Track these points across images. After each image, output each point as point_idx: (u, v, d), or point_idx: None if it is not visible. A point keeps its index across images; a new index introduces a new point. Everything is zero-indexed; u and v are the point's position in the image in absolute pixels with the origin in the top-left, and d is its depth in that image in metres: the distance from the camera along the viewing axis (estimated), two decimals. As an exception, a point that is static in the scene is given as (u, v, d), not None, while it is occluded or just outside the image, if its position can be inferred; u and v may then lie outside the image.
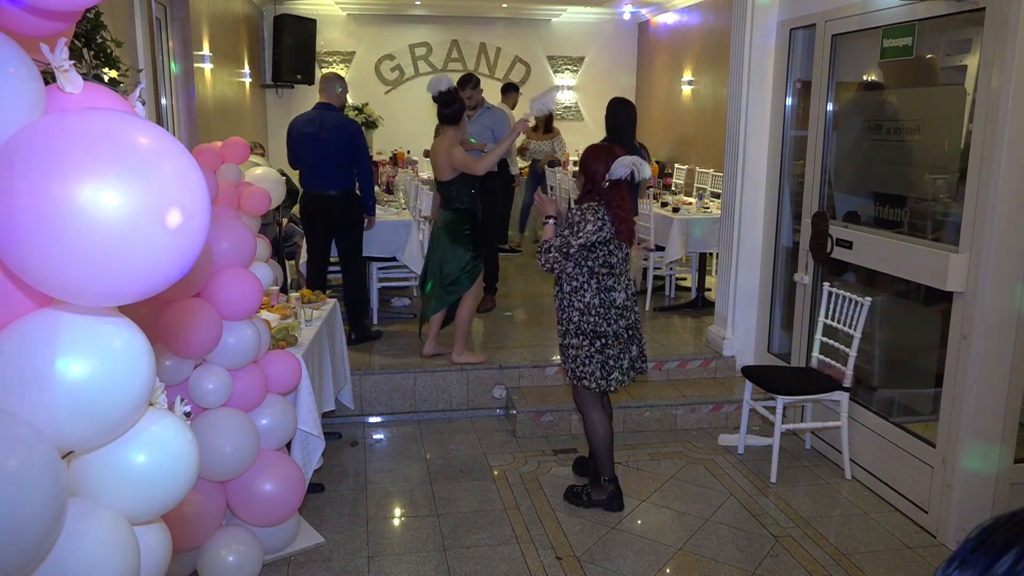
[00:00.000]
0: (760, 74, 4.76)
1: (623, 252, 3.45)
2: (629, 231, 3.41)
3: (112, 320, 1.13)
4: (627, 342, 3.49)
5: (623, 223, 3.37)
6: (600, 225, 3.33)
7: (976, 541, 0.57)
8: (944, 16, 3.39)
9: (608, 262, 3.40)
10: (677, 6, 9.92)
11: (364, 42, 10.78)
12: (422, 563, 3.22)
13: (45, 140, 0.97)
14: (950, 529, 3.39)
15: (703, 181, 8.57)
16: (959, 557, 0.57)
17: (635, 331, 3.54)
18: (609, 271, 3.41)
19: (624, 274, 3.48)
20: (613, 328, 3.44)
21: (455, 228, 4.71)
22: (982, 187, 3.16)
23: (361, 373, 4.70)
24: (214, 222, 2.36)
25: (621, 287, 3.45)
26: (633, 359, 3.54)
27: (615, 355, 3.46)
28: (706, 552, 3.33)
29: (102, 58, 3.19)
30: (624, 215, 3.37)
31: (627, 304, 3.48)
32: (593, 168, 3.41)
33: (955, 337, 3.35)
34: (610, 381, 3.48)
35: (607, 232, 3.35)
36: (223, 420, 2.76)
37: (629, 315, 3.49)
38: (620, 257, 3.44)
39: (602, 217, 3.34)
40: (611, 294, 3.42)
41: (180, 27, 6.00)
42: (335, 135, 4.99)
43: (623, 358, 3.48)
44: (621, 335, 3.46)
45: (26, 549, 0.97)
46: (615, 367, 3.47)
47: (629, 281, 3.52)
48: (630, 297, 3.51)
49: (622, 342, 3.47)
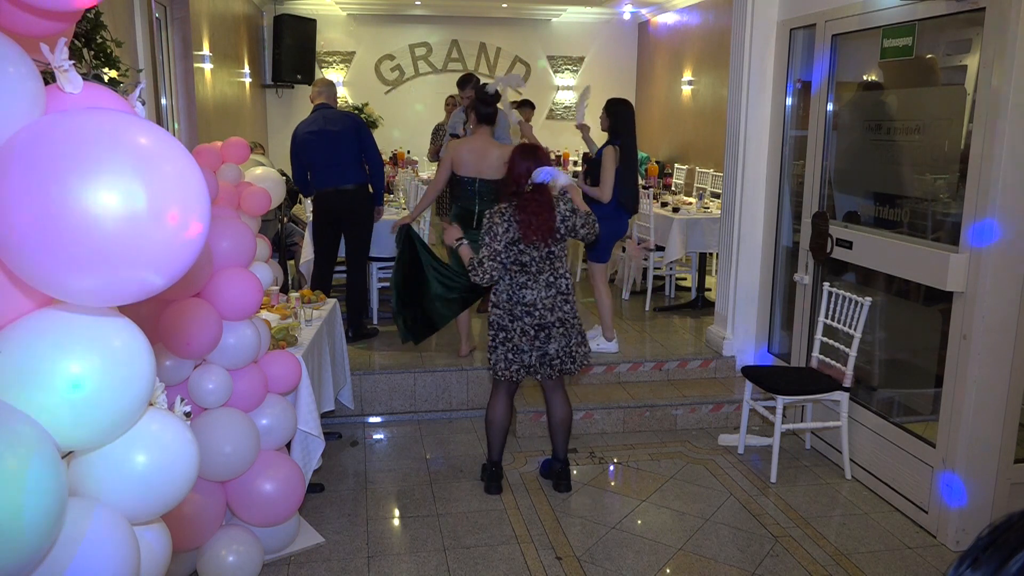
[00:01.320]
0: (760, 74, 4.76)
1: (539, 252, 3.49)
2: (536, 234, 3.44)
3: (112, 320, 1.13)
4: (536, 339, 3.55)
5: (529, 227, 3.44)
6: (507, 227, 3.46)
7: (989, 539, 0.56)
8: (944, 16, 3.39)
9: (519, 260, 3.50)
10: (677, 6, 9.93)
11: (364, 42, 10.78)
12: (422, 563, 3.22)
13: (45, 140, 0.97)
14: (950, 529, 3.39)
15: (703, 181, 8.57)
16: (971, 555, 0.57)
17: (554, 329, 3.56)
18: (521, 269, 3.51)
19: (548, 272, 3.51)
20: (519, 325, 3.54)
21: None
22: (982, 187, 3.16)
23: (361, 373, 4.70)
24: (214, 222, 2.36)
25: (537, 286, 3.51)
26: (548, 356, 3.58)
27: (520, 349, 3.56)
28: (706, 552, 3.33)
29: (102, 58, 3.19)
30: (532, 219, 3.44)
31: (544, 302, 3.52)
32: (517, 171, 3.49)
33: (955, 337, 3.35)
34: (511, 372, 3.59)
35: (513, 233, 3.46)
36: (223, 420, 2.76)
37: (545, 314, 3.53)
38: (535, 257, 3.50)
39: (508, 219, 3.46)
40: (521, 291, 3.52)
41: (180, 27, 6.00)
42: (340, 128, 5.03)
43: (530, 353, 3.57)
44: (528, 332, 3.54)
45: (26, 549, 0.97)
46: (515, 360, 3.58)
47: (557, 279, 3.54)
48: (552, 296, 3.53)
49: (528, 339, 3.55)
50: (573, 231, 3.55)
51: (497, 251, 3.48)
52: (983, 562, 0.55)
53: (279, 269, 4.35)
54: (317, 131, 5.03)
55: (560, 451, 3.84)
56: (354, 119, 5.18)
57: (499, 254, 3.49)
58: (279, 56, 9.76)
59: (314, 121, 5.09)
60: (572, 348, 3.62)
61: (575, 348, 3.64)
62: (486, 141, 4.68)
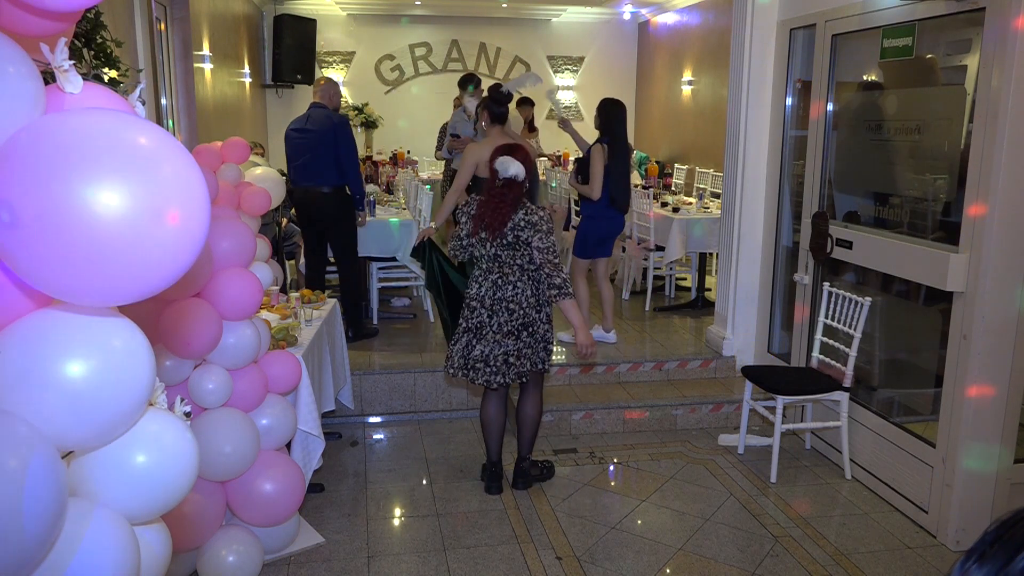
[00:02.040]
0: (760, 74, 4.76)
1: (488, 250, 3.49)
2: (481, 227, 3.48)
3: (112, 320, 1.13)
4: (467, 333, 3.58)
5: (480, 220, 3.48)
6: (467, 219, 3.57)
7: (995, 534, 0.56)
8: (944, 16, 3.39)
9: (472, 253, 3.58)
10: (677, 6, 9.92)
11: (364, 42, 10.77)
12: (422, 563, 3.22)
13: (45, 140, 0.97)
14: (950, 529, 3.39)
15: (703, 181, 8.57)
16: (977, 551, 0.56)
17: (487, 332, 3.52)
18: (476, 263, 3.60)
19: (496, 273, 3.50)
20: (464, 315, 3.62)
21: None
22: (982, 187, 3.16)
23: (361, 373, 4.70)
24: (214, 222, 2.36)
25: (485, 282, 3.52)
26: (466, 358, 3.58)
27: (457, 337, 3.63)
28: (706, 552, 3.33)
29: (102, 58, 3.19)
30: (485, 213, 3.46)
31: (483, 299, 3.52)
32: (493, 166, 3.55)
33: (955, 337, 3.35)
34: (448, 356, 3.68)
35: (463, 225, 3.57)
36: (223, 420, 2.76)
37: (482, 313, 3.52)
38: (484, 254, 3.51)
39: (467, 212, 3.57)
40: (472, 284, 3.61)
41: (180, 27, 6.00)
42: (320, 128, 5.03)
43: (456, 345, 3.62)
44: (469, 326, 3.58)
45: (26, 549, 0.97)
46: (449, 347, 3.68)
47: (504, 284, 3.49)
48: (497, 300, 3.50)
49: (463, 329, 3.60)
50: (526, 245, 3.44)
51: (459, 236, 3.60)
52: (989, 557, 0.55)
53: (279, 269, 4.35)
54: (299, 129, 5.08)
55: (521, 447, 3.85)
56: (334, 121, 5.09)
57: (462, 239, 3.59)
58: (279, 56, 9.76)
59: (300, 119, 5.16)
60: (503, 357, 3.51)
61: (509, 358, 3.52)
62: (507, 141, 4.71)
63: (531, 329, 3.54)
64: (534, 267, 3.49)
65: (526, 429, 3.80)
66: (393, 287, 6.40)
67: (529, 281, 3.50)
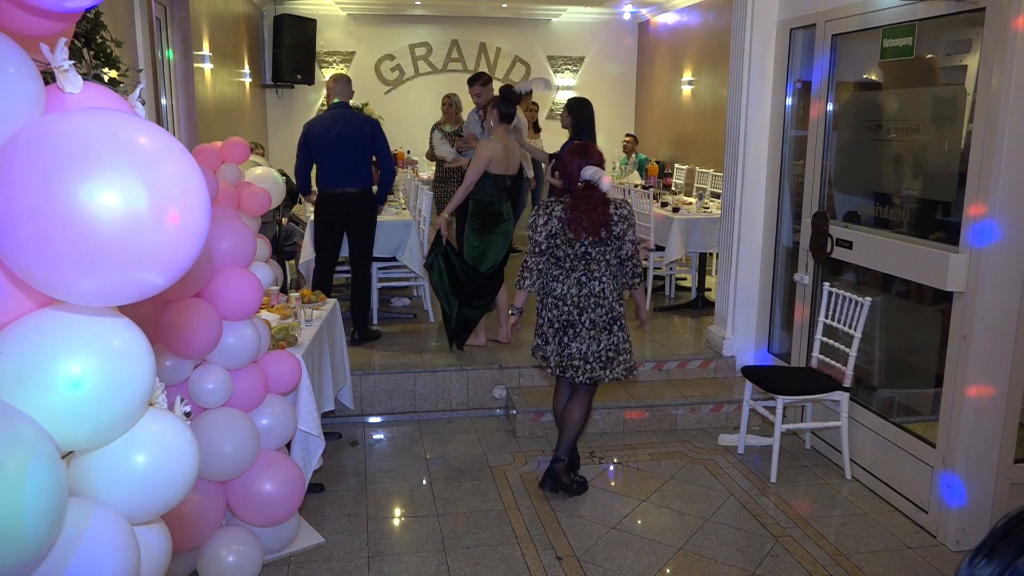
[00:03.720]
0: (760, 74, 4.76)
1: (575, 249, 3.52)
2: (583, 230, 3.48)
3: (112, 320, 1.13)
4: (559, 333, 3.60)
5: (577, 223, 3.48)
6: (546, 220, 3.53)
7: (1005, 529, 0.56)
8: (944, 16, 3.39)
9: (555, 255, 3.56)
10: (677, 6, 9.92)
11: (364, 42, 10.77)
12: (422, 563, 3.22)
13: (45, 140, 0.97)
14: (950, 529, 3.38)
15: (703, 181, 8.57)
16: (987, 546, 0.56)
17: (583, 329, 3.56)
18: (556, 263, 3.57)
19: (580, 271, 3.53)
20: (547, 315, 3.63)
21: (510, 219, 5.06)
22: (982, 187, 3.16)
23: (361, 373, 4.70)
24: (214, 222, 2.35)
25: (568, 281, 3.55)
26: (562, 355, 3.60)
27: (547, 337, 3.65)
28: (706, 552, 3.33)
29: (102, 58, 3.19)
30: (581, 215, 3.47)
31: (573, 299, 3.55)
32: (568, 170, 3.58)
33: (955, 337, 3.35)
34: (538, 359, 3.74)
35: (552, 227, 3.52)
36: (223, 420, 2.76)
37: (575, 313, 3.55)
38: (570, 253, 3.53)
39: (549, 212, 3.53)
40: (552, 284, 3.59)
41: (180, 27, 6.00)
42: (358, 132, 5.05)
43: (549, 345, 3.64)
44: (554, 322, 3.61)
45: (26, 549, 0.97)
46: (540, 348, 3.70)
47: (591, 280, 3.53)
48: (585, 296, 3.54)
49: (554, 329, 3.61)
50: (619, 239, 3.52)
51: (538, 242, 3.55)
52: (999, 552, 0.55)
53: (279, 269, 4.35)
54: (336, 133, 5.02)
55: (559, 448, 3.77)
56: (372, 124, 5.19)
57: (539, 245, 3.55)
58: (279, 56, 9.75)
59: (333, 121, 5.07)
60: (602, 353, 3.58)
61: (606, 353, 3.59)
62: (512, 142, 4.95)
63: (620, 323, 3.62)
64: (619, 260, 3.57)
65: (569, 430, 3.76)
66: (393, 287, 6.41)
67: (611, 275, 3.57)
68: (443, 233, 4.93)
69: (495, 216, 4.88)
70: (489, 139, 4.90)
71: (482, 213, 4.86)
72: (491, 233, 4.88)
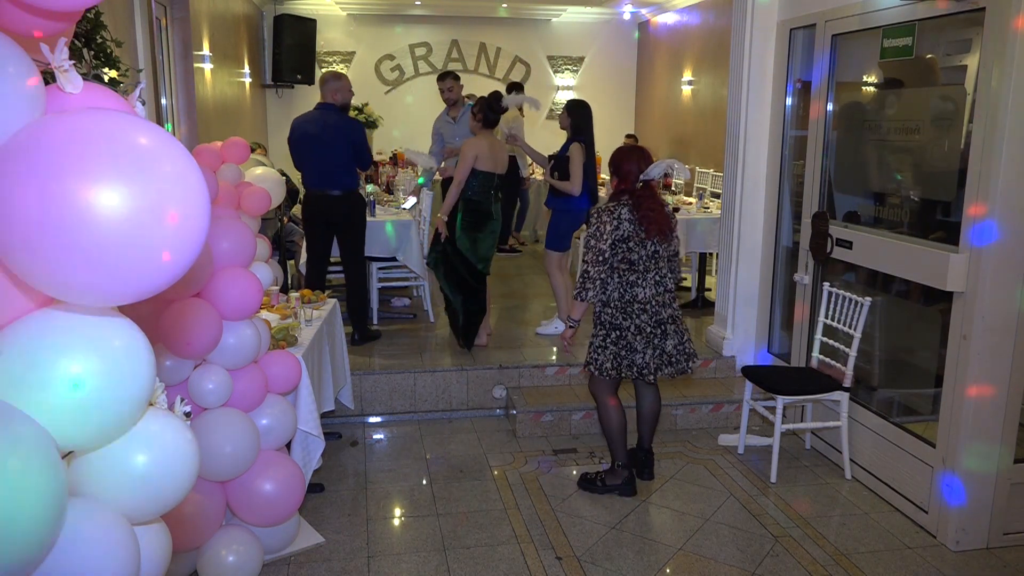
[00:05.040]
0: (760, 74, 4.76)
1: (647, 249, 3.51)
2: (656, 228, 3.49)
3: (112, 320, 1.13)
4: (653, 336, 3.58)
5: (651, 222, 3.47)
6: (616, 224, 3.46)
7: None
8: (944, 16, 3.39)
9: (628, 258, 3.49)
10: (677, 6, 9.92)
11: (364, 42, 10.77)
12: (422, 563, 3.22)
13: (45, 140, 0.97)
14: (950, 529, 3.39)
15: (703, 181, 8.57)
16: None
17: (668, 326, 3.61)
18: (630, 267, 3.51)
19: (653, 271, 3.54)
20: (634, 322, 3.55)
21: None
22: (982, 187, 3.16)
23: (361, 373, 4.70)
24: (214, 222, 2.36)
25: (647, 283, 3.53)
26: (666, 353, 3.61)
27: (636, 347, 3.56)
28: (706, 552, 3.33)
29: (102, 58, 3.19)
30: (652, 214, 3.48)
31: (656, 299, 3.56)
32: (627, 169, 3.56)
33: (955, 337, 3.35)
34: (622, 369, 3.59)
35: (624, 230, 3.46)
36: (223, 420, 2.76)
37: (660, 311, 3.58)
38: (643, 254, 3.51)
39: (617, 216, 3.47)
40: (633, 289, 3.53)
41: (180, 27, 6.00)
42: (336, 137, 4.94)
43: (646, 351, 3.57)
44: (644, 329, 3.56)
45: (26, 549, 0.97)
46: (625, 359, 3.58)
47: (663, 277, 3.58)
48: (662, 293, 3.58)
49: (645, 335, 3.56)
50: (674, 234, 3.61)
51: (602, 251, 3.46)
52: None
53: (279, 269, 4.35)
54: (313, 135, 4.95)
55: (647, 440, 3.94)
56: (352, 127, 5.06)
57: (603, 253, 3.46)
58: (279, 56, 9.76)
59: (312, 124, 5.00)
60: (686, 345, 3.67)
61: (688, 344, 3.69)
62: (497, 141, 5.04)
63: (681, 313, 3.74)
64: (669, 255, 3.61)
65: (655, 420, 3.94)
66: (393, 287, 6.41)
67: (670, 270, 3.63)
68: (442, 233, 4.96)
69: (485, 216, 4.94)
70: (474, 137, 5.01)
71: (472, 212, 4.91)
72: (481, 231, 4.95)
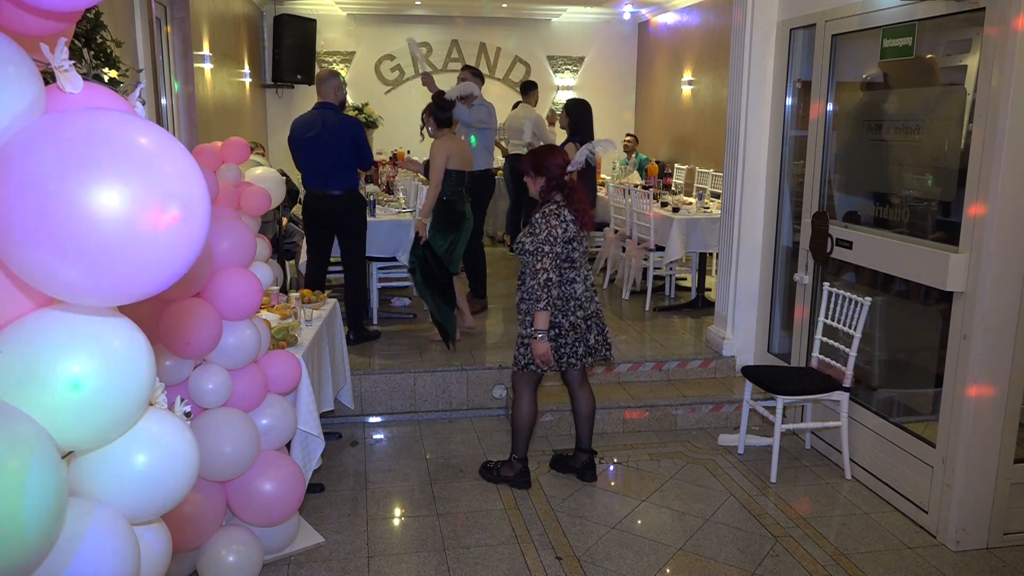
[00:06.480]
0: (760, 74, 4.76)
1: (583, 246, 3.60)
2: (590, 221, 3.60)
3: (112, 320, 1.13)
4: (584, 332, 3.63)
5: (584, 215, 3.55)
6: (565, 226, 3.50)
7: None
8: (944, 16, 3.39)
9: (570, 256, 3.55)
10: (677, 6, 9.93)
11: (364, 42, 10.78)
12: (422, 563, 3.22)
13: (45, 140, 0.97)
14: (950, 529, 3.38)
15: (703, 181, 8.57)
16: None
17: (594, 320, 3.67)
18: (570, 265, 3.56)
19: (584, 266, 3.63)
20: (570, 320, 3.59)
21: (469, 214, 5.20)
22: (982, 187, 3.16)
23: (361, 373, 4.70)
24: (214, 222, 2.35)
25: (580, 279, 3.60)
26: (590, 346, 3.66)
27: (568, 343, 3.61)
28: (706, 552, 3.33)
29: (102, 58, 3.19)
30: (584, 207, 3.56)
31: (586, 295, 3.62)
32: (552, 163, 3.58)
33: (955, 337, 3.35)
34: (560, 364, 3.65)
35: (571, 231, 3.52)
36: (223, 420, 2.76)
37: (588, 305, 3.63)
38: (581, 251, 3.59)
39: (562, 217, 3.51)
40: (572, 286, 3.59)
41: (180, 27, 6.00)
42: (336, 136, 4.95)
43: (578, 346, 3.63)
44: (578, 326, 3.61)
45: (26, 549, 0.97)
46: (566, 354, 3.63)
47: (588, 272, 3.67)
48: (589, 288, 3.65)
49: (579, 332, 3.62)
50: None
51: (558, 253, 3.49)
52: None
53: (279, 269, 4.35)
54: (313, 135, 4.96)
55: (585, 442, 3.94)
56: (351, 125, 5.07)
57: (559, 256, 3.50)
58: (279, 56, 9.76)
59: (311, 123, 5.00)
60: (606, 335, 3.75)
61: (607, 334, 3.77)
62: (460, 139, 5.21)
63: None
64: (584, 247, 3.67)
65: (592, 421, 3.94)
66: (393, 287, 6.40)
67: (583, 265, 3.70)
68: (421, 235, 5.00)
69: (459, 216, 5.06)
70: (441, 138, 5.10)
71: (447, 212, 5.01)
72: (456, 232, 5.05)
